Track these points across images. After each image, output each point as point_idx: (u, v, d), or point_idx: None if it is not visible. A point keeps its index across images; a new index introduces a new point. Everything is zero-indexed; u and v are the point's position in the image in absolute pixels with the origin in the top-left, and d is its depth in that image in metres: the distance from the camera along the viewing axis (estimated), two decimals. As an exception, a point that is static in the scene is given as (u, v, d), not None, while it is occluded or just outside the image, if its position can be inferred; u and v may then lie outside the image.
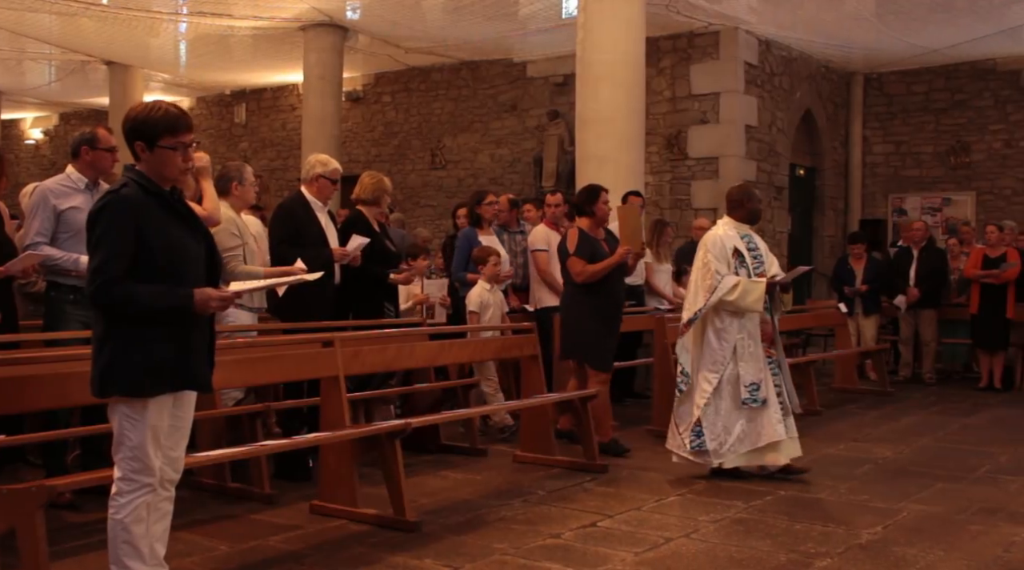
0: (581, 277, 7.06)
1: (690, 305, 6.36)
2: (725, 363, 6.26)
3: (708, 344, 6.33)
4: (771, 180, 14.23)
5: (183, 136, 3.60)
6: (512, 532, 5.06)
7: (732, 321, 6.28)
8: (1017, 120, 15.19)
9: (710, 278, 6.25)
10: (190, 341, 3.59)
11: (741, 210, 6.55)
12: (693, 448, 6.29)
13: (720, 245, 6.38)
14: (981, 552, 4.83)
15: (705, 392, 6.26)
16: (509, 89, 16.00)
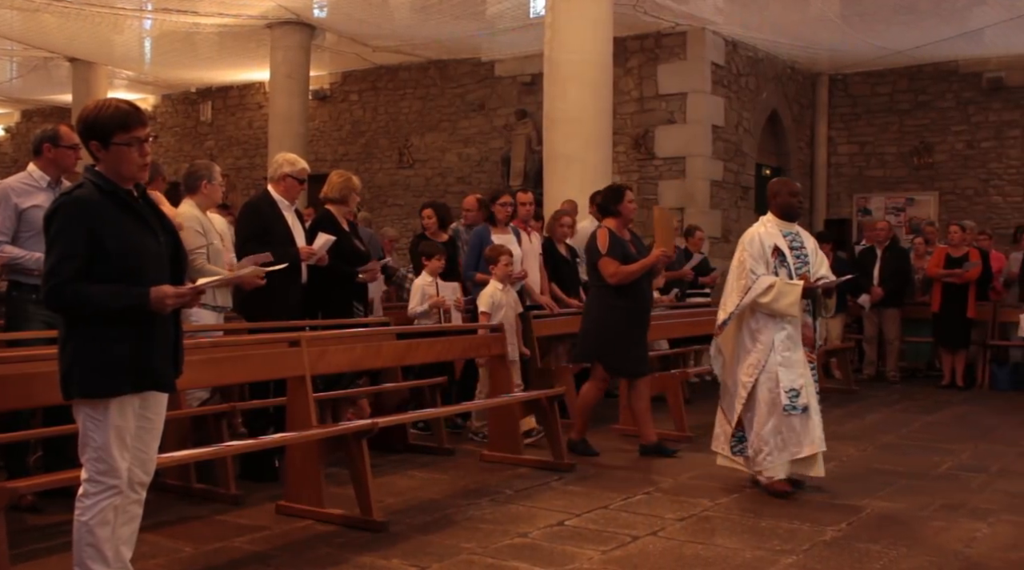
0: (615, 278, 6.83)
1: (724, 306, 6.06)
2: (759, 366, 5.90)
3: (743, 346, 6.02)
4: (737, 180, 14.33)
5: (136, 131, 3.55)
6: (479, 531, 5.06)
7: (768, 322, 5.92)
8: (979, 121, 15.39)
9: (745, 278, 5.92)
10: (152, 340, 3.54)
11: (774, 205, 6.16)
12: (735, 452, 6.07)
13: (758, 243, 6.00)
14: (943, 547, 4.89)
15: (740, 397, 5.98)
16: (477, 88, 15.99)
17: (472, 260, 8.23)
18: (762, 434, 5.87)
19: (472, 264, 8.22)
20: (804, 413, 5.86)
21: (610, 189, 7.41)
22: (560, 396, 6.99)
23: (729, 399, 6.11)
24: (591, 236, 7.20)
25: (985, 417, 9.17)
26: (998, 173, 15.31)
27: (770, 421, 5.86)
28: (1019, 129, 15.12)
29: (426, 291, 7.75)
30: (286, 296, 6.31)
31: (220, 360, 5.21)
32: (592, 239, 7.09)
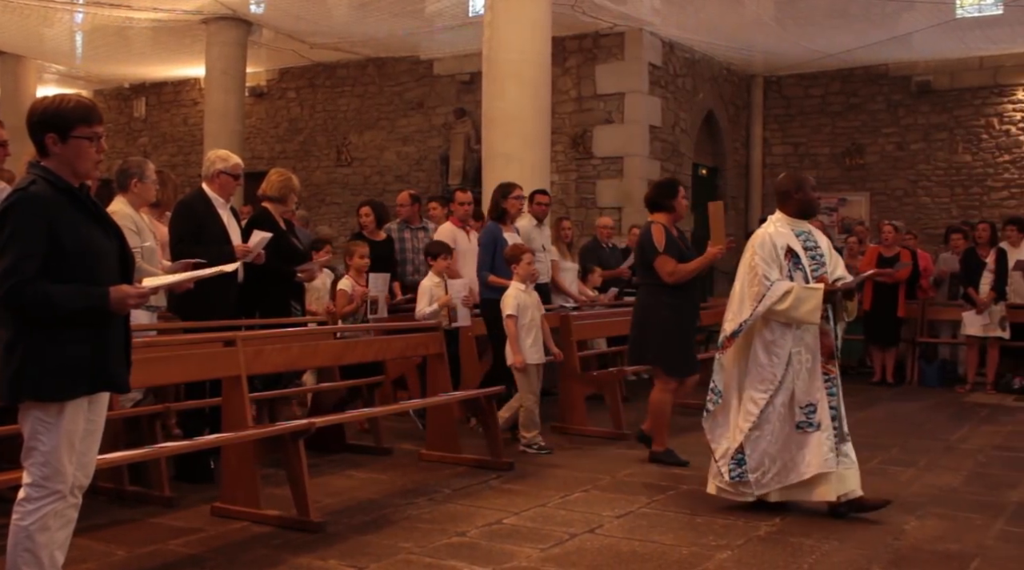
0: (674, 277, 6.59)
1: (734, 316, 5.50)
2: (776, 381, 5.38)
3: (755, 359, 5.45)
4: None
5: (96, 126, 3.51)
6: (417, 531, 5.05)
7: (785, 332, 5.40)
8: (908, 123, 15.75)
9: (758, 284, 5.38)
10: (107, 341, 3.48)
11: (791, 202, 5.65)
12: (733, 478, 5.49)
13: (769, 245, 5.48)
14: (873, 541, 4.99)
15: (751, 415, 5.41)
16: (415, 86, 15.95)
17: (487, 260, 7.77)
18: (770, 452, 5.39)
19: (487, 264, 7.76)
20: (817, 430, 5.35)
21: (666, 183, 7.14)
22: (499, 395, 6.99)
23: (726, 417, 5.57)
24: (645, 233, 6.84)
25: (914, 413, 9.37)
26: (926, 174, 15.68)
27: (781, 440, 5.38)
28: (946, 132, 15.51)
29: (434, 292, 7.50)
30: (221, 295, 6.23)
31: (154, 360, 5.13)
32: (647, 236, 6.77)
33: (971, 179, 15.38)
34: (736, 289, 5.56)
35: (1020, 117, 15.08)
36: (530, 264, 7.19)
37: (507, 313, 7.06)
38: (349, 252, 7.88)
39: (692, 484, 6.17)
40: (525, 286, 7.17)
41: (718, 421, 5.60)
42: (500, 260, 7.54)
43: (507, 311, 7.07)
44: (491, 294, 7.58)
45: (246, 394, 5.35)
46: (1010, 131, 15.14)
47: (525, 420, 7.12)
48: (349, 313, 7.58)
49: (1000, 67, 15.14)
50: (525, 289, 7.17)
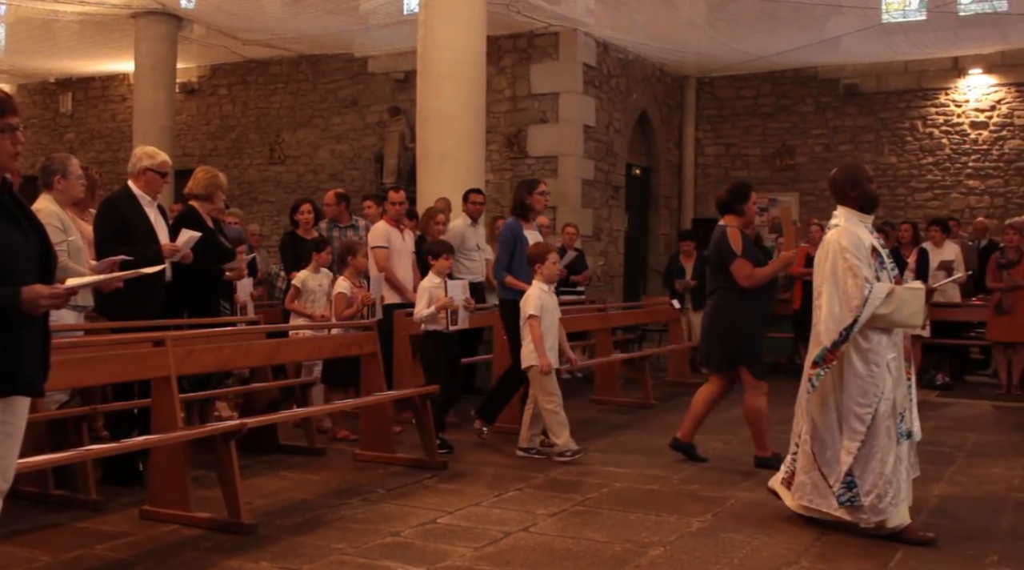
0: (751, 281, 6.51)
1: (832, 322, 4.98)
2: (879, 393, 4.92)
3: (853, 371, 4.97)
4: (608, 179, 14.58)
5: (10, 118, 3.37)
6: (351, 531, 5.02)
7: (881, 338, 4.98)
8: (836, 125, 16.07)
9: (857, 286, 4.91)
10: (20, 342, 3.33)
11: (851, 198, 5.25)
12: (843, 503, 4.99)
13: (859, 243, 5.02)
14: (800, 535, 5.08)
15: (859, 432, 4.92)
16: (350, 84, 15.85)
17: (505, 258, 7.48)
18: (886, 474, 4.90)
19: (504, 262, 7.47)
20: (908, 439, 5.05)
21: (739, 186, 6.93)
22: (433, 394, 6.97)
23: (831, 437, 5.08)
24: (721, 236, 6.64)
25: (842, 409, 9.54)
26: (854, 175, 15.94)
27: (891, 456, 4.94)
28: (873, 133, 15.85)
29: (434, 293, 7.16)
30: (150, 295, 6.12)
31: (80, 361, 5.02)
32: (723, 240, 6.63)
33: (896, 180, 15.74)
34: (826, 294, 5.05)
35: (943, 120, 15.47)
36: (555, 264, 7.01)
37: (530, 313, 6.83)
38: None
39: (625, 482, 6.23)
40: (547, 287, 6.98)
41: (827, 444, 5.09)
42: (519, 259, 7.31)
43: (530, 311, 6.84)
44: (508, 295, 7.38)
45: (176, 395, 5.26)
46: (933, 134, 15.52)
47: (553, 424, 6.84)
48: (348, 317, 7.36)
49: (924, 71, 15.51)
50: (547, 290, 6.97)
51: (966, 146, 15.31)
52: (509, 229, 7.60)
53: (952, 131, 15.41)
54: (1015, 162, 15.04)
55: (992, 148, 15.19)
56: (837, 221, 5.20)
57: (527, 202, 7.56)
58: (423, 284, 7.31)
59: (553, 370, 6.86)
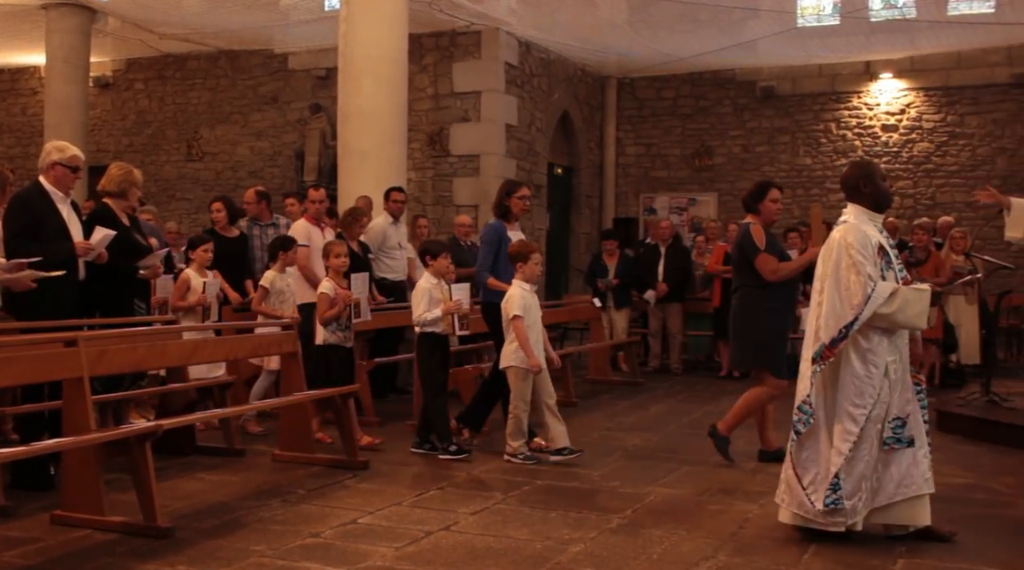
0: (777, 275, 6.54)
1: (829, 321, 4.87)
2: (875, 395, 4.80)
3: (851, 371, 4.85)
4: (530, 178, 14.63)
5: None
6: (270, 533, 4.97)
7: (882, 340, 4.86)
8: (753, 127, 16.38)
9: (859, 284, 4.79)
10: None
11: (862, 197, 5.12)
12: (828, 505, 4.82)
13: (865, 240, 4.90)
14: (719, 529, 5.17)
15: (851, 434, 4.80)
16: (269, 81, 15.66)
17: (488, 260, 7.32)
18: (866, 474, 4.83)
19: (488, 264, 7.31)
20: (909, 447, 4.87)
21: (759, 185, 7.03)
22: (354, 394, 6.93)
23: (811, 439, 4.98)
24: (745, 233, 6.74)
25: (758, 405, 9.72)
26: (771, 176, 16.25)
27: (872, 459, 4.85)
28: (789, 135, 16.19)
29: (433, 294, 6.95)
30: (61, 294, 5.97)
31: (-13, 362, 4.89)
32: (746, 236, 6.71)
33: (811, 181, 16.10)
34: (828, 290, 4.93)
35: (855, 123, 15.86)
36: (537, 264, 6.88)
37: (514, 313, 6.73)
38: (325, 252, 7.40)
39: (546, 480, 6.26)
40: (529, 287, 6.87)
41: (805, 444, 4.98)
42: (502, 261, 7.18)
43: (514, 311, 6.73)
44: (490, 297, 7.27)
45: (88, 396, 5.14)
46: (846, 136, 15.91)
47: (512, 429, 6.77)
48: (332, 318, 7.09)
49: (837, 75, 15.89)
50: (529, 289, 6.86)
51: (877, 148, 15.73)
52: (493, 230, 7.44)
53: (864, 133, 15.82)
54: (923, 164, 15.49)
55: (902, 150, 15.62)
56: (846, 218, 5.09)
57: (506, 204, 7.45)
58: (421, 284, 7.08)
59: (543, 370, 6.78)
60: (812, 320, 5.02)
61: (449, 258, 7.19)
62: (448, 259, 7.17)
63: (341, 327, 7.11)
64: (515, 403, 6.75)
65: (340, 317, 7.07)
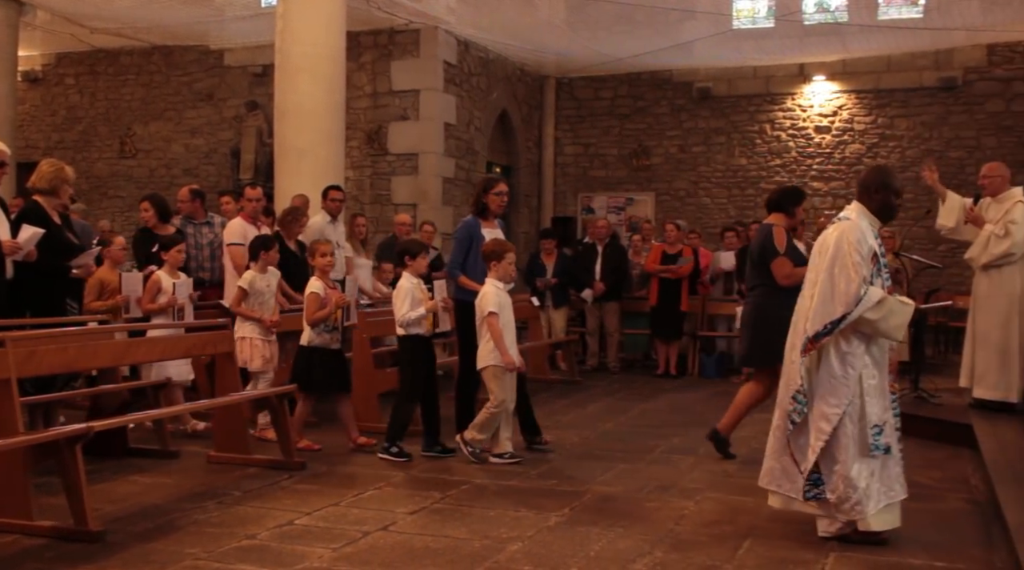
0: (790, 280, 6.48)
1: (819, 314, 4.88)
2: (850, 396, 4.84)
3: (829, 370, 4.90)
4: (469, 177, 14.63)
5: None
6: (205, 535, 4.91)
7: (860, 344, 4.89)
8: (690, 127, 16.55)
9: (855, 284, 4.80)
10: None
11: (872, 200, 5.08)
12: (808, 498, 4.95)
13: (863, 242, 4.89)
14: (656, 526, 5.23)
15: (823, 432, 4.86)
16: (205, 77, 15.45)
17: (460, 257, 7.19)
18: (850, 477, 4.83)
19: (459, 261, 7.18)
20: (886, 454, 4.90)
21: (795, 190, 7.08)
22: (290, 394, 6.88)
23: (800, 434, 4.99)
24: (767, 234, 6.76)
25: (695, 403, 9.84)
26: (707, 176, 16.53)
27: (855, 462, 4.85)
28: (724, 136, 16.39)
29: (415, 294, 6.85)
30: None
31: (-90, 364, 4.76)
32: (768, 237, 6.72)
33: (747, 181, 16.32)
34: (820, 283, 4.93)
35: (789, 124, 16.11)
36: (511, 264, 6.80)
37: (489, 310, 6.66)
38: (311, 251, 7.28)
39: (485, 478, 6.28)
40: (502, 285, 6.79)
41: (802, 431, 4.98)
42: (474, 258, 7.08)
43: (489, 308, 6.66)
44: (463, 296, 7.15)
45: (16, 398, 5.03)
46: (780, 137, 16.16)
47: (482, 423, 6.74)
48: (321, 319, 6.97)
49: (772, 77, 16.13)
50: (502, 288, 6.79)
51: (811, 149, 16.00)
52: (466, 227, 7.31)
53: (798, 135, 16.07)
54: (855, 166, 15.78)
55: (835, 152, 15.91)
56: (848, 215, 5.06)
57: (483, 201, 7.29)
58: (403, 284, 6.96)
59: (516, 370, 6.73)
60: (802, 313, 5.07)
61: (427, 257, 7.07)
62: (427, 259, 7.08)
63: (328, 328, 7.02)
64: (496, 402, 6.70)
65: (328, 319, 6.97)
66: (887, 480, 4.90)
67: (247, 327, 7.41)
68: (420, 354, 6.94)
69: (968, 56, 15.14)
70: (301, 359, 7.10)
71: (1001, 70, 15.08)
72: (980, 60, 15.14)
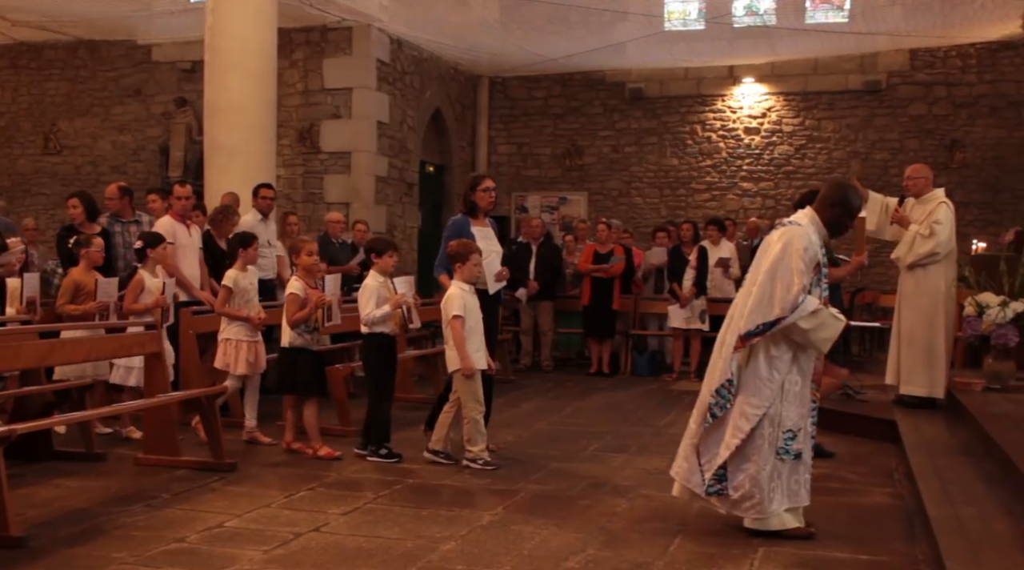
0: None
1: (756, 312, 4.90)
2: (772, 399, 4.89)
3: (755, 371, 4.93)
4: (402, 176, 14.58)
5: None
6: (133, 539, 4.82)
7: (788, 351, 4.94)
8: (622, 128, 16.70)
9: (795, 288, 4.83)
10: None
11: (827, 211, 5.10)
12: (709, 493, 5.01)
13: (809, 249, 4.92)
14: (588, 523, 5.26)
15: (741, 431, 4.89)
16: (132, 72, 15.15)
17: (445, 256, 6.98)
18: (759, 478, 4.88)
19: (445, 260, 6.95)
20: (796, 460, 4.96)
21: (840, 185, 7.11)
22: (220, 394, 6.79)
23: (715, 430, 5.00)
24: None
25: (627, 401, 9.92)
26: (639, 176, 16.69)
27: (766, 463, 4.90)
28: (656, 136, 16.57)
29: (382, 293, 6.74)
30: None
31: None
32: None
33: (678, 181, 16.52)
34: (759, 284, 4.94)
35: (719, 125, 16.34)
36: (477, 265, 6.64)
37: (454, 313, 6.52)
38: (295, 249, 7.05)
39: (418, 478, 6.26)
40: (468, 287, 6.65)
41: (716, 426, 5.00)
42: None
43: (454, 311, 6.51)
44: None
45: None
46: (711, 138, 16.38)
47: (471, 433, 6.57)
48: (302, 320, 6.80)
49: (702, 78, 16.35)
50: (468, 289, 6.65)
51: (741, 150, 16.25)
52: (454, 226, 7.13)
53: (728, 136, 16.31)
54: (784, 166, 16.07)
55: (764, 153, 16.17)
56: (799, 221, 5.06)
57: (471, 199, 7.14)
58: (368, 283, 6.79)
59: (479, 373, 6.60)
60: (737, 309, 5.07)
61: (395, 256, 6.98)
62: (394, 257, 6.97)
63: (309, 329, 6.90)
64: (471, 406, 6.58)
65: (309, 319, 6.85)
66: (793, 485, 4.96)
67: (232, 328, 7.23)
68: (386, 353, 6.86)
69: (892, 60, 15.52)
70: (284, 362, 6.94)
71: (923, 74, 15.48)
72: (903, 64, 15.52)
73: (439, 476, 6.35)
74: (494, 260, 7.03)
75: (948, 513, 4.91)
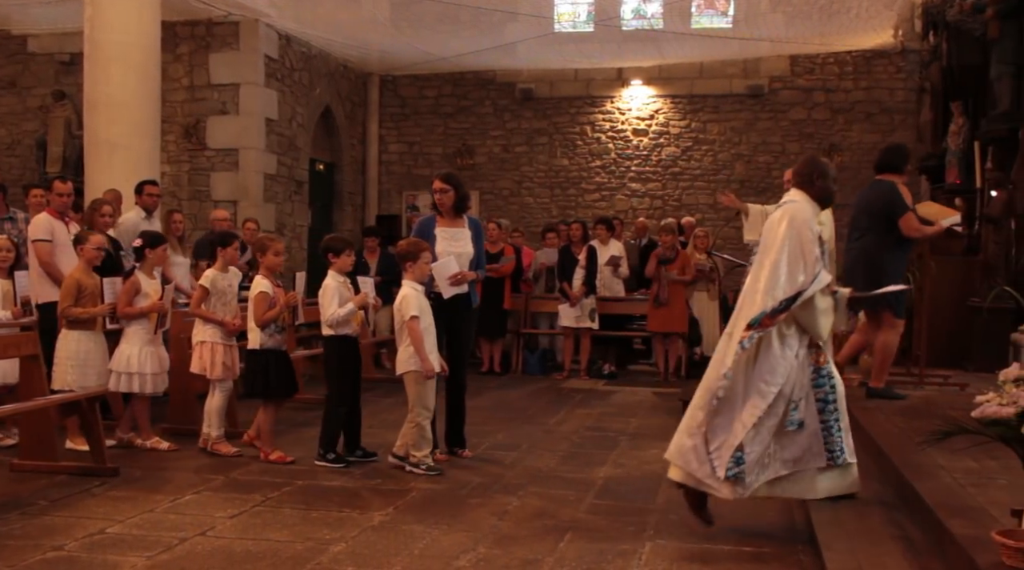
0: (918, 233, 7.30)
1: (773, 290, 4.82)
2: (786, 375, 4.84)
3: (769, 348, 4.85)
4: (291, 174, 14.40)
5: None
6: (7, 548, 4.65)
7: (797, 328, 4.91)
8: (513, 127, 16.81)
9: (812, 255, 4.83)
10: None
11: (812, 187, 5.10)
12: (729, 476, 4.80)
13: (811, 222, 4.93)
14: (479, 522, 5.29)
15: (758, 408, 4.81)
16: (7, 64, 14.61)
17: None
18: (769, 451, 4.87)
19: None
20: (799, 429, 4.89)
21: (898, 147, 7.91)
22: (102, 396, 6.59)
23: (728, 405, 4.86)
24: (891, 189, 7.34)
25: (518, 400, 9.99)
26: (529, 176, 16.81)
27: (771, 440, 4.87)
28: (547, 137, 16.73)
29: (342, 292, 6.60)
30: None
31: None
32: (894, 192, 7.30)
33: (568, 181, 16.70)
34: (773, 262, 4.86)
35: (608, 126, 16.59)
36: (427, 264, 6.52)
37: (412, 314, 6.35)
38: (262, 248, 6.81)
39: (308, 480, 6.20)
40: (420, 287, 6.49)
41: (721, 411, 4.86)
42: None
43: (411, 312, 6.35)
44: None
45: None
46: (600, 139, 16.61)
47: (416, 438, 6.44)
48: (271, 320, 6.59)
49: (592, 80, 16.56)
50: (420, 290, 6.48)
51: (629, 151, 16.52)
52: (420, 226, 7.05)
53: (617, 137, 16.57)
54: (671, 167, 16.40)
55: (652, 154, 16.47)
56: (794, 198, 5.06)
57: (434, 199, 7.02)
58: (328, 283, 6.64)
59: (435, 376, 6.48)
60: (748, 293, 4.99)
61: (352, 255, 6.83)
62: (351, 256, 6.82)
63: (278, 329, 6.71)
64: (419, 411, 6.45)
65: (278, 319, 6.66)
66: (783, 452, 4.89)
67: (208, 331, 6.98)
68: (348, 355, 6.72)
69: (773, 66, 15.99)
70: (256, 364, 6.72)
71: (803, 80, 15.99)
72: (784, 70, 16.01)
73: (328, 477, 6.29)
74: (449, 262, 6.81)
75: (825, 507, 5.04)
